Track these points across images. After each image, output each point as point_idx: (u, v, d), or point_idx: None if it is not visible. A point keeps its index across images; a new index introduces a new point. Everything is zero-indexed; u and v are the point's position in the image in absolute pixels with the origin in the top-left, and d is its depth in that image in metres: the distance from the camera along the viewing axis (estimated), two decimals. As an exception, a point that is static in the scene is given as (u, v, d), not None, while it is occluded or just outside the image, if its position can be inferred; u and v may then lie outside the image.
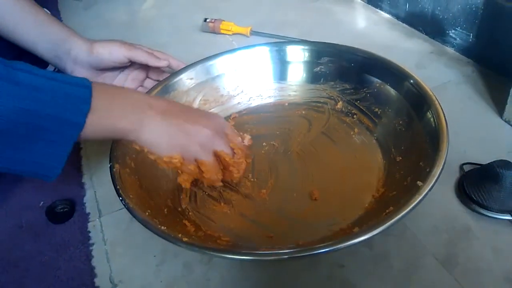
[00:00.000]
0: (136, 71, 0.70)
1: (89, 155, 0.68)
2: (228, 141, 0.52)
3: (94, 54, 0.62)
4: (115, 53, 0.63)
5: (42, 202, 0.60)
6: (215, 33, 0.99)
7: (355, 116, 0.66)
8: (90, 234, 0.56)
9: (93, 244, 0.55)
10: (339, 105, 0.68)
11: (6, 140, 0.38)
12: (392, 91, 0.62)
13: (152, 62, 0.66)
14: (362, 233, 0.40)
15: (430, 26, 0.88)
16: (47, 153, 0.41)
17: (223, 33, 0.98)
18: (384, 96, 0.63)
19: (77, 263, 0.52)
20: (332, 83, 0.69)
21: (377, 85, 0.64)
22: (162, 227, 0.44)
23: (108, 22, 1.10)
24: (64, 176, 0.63)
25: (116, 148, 0.54)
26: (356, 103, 0.67)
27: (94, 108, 0.42)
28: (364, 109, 0.66)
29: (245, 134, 0.58)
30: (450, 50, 0.84)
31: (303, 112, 0.70)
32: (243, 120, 0.70)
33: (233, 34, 0.98)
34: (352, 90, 0.68)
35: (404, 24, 0.95)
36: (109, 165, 0.51)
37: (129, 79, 0.70)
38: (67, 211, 0.58)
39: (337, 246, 0.40)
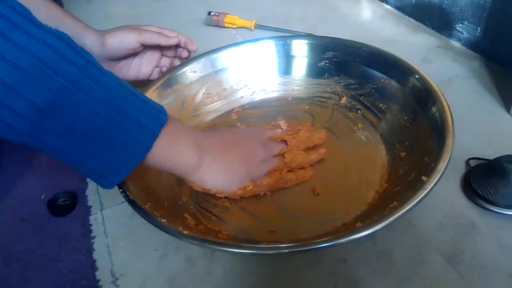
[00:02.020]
0: (150, 52, 0.70)
1: (91, 148, 0.68)
2: (274, 141, 0.57)
3: (107, 46, 0.62)
4: (126, 40, 0.63)
5: (43, 195, 0.60)
6: (219, 26, 0.98)
7: (359, 111, 0.65)
8: (92, 227, 0.56)
9: (94, 237, 0.55)
10: (343, 100, 0.67)
11: (84, 131, 0.37)
12: (397, 86, 0.61)
13: (164, 41, 0.66)
14: (364, 228, 0.40)
15: (436, 20, 0.87)
16: (117, 155, 0.40)
17: (227, 27, 0.97)
18: (389, 91, 0.62)
19: (79, 256, 0.52)
20: (337, 78, 0.69)
21: (382, 80, 0.63)
22: (163, 220, 0.44)
23: (111, 15, 1.09)
24: (65, 169, 0.64)
25: None
26: (361, 99, 0.66)
27: (166, 131, 0.42)
28: (368, 105, 0.65)
29: (278, 122, 0.60)
30: (457, 44, 0.83)
31: (307, 107, 0.69)
32: (246, 115, 0.69)
33: (238, 27, 0.97)
34: (356, 85, 0.67)
35: (410, 18, 0.94)
36: None
37: (144, 62, 0.69)
38: (68, 204, 0.58)
39: (338, 241, 0.39)
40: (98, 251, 0.53)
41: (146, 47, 0.68)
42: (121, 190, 0.47)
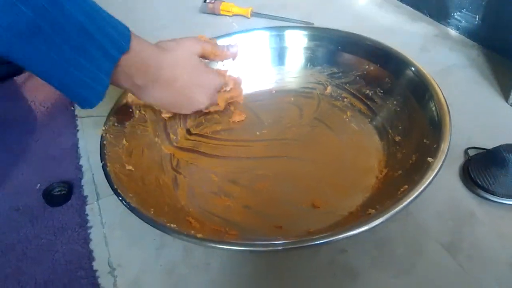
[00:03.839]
0: None
1: (86, 137, 0.67)
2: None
3: None
4: None
5: (38, 185, 0.59)
6: (215, 14, 0.96)
7: (345, 99, 0.65)
8: (88, 217, 0.55)
9: (91, 227, 0.54)
10: (328, 89, 0.67)
11: (53, 42, 0.40)
12: (382, 72, 0.61)
13: None
14: (379, 214, 0.40)
15: (434, 9, 0.86)
16: (88, 69, 0.44)
17: (223, 14, 0.96)
18: (374, 77, 0.62)
19: (75, 246, 0.52)
20: (319, 67, 0.68)
21: (366, 66, 0.63)
22: (172, 225, 0.42)
23: (105, 3, 1.07)
24: (61, 158, 0.63)
25: (107, 146, 0.52)
26: (346, 87, 0.65)
27: (125, 57, 0.47)
28: (354, 92, 0.64)
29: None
30: (455, 33, 0.82)
31: (292, 98, 0.68)
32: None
33: (233, 15, 0.95)
34: (340, 74, 0.66)
35: (408, 7, 0.93)
36: (101, 164, 0.50)
37: None
38: (64, 194, 0.57)
39: (358, 230, 0.39)
40: (95, 241, 0.52)
41: None
42: (120, 198, 0.45)
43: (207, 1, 0.96)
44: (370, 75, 0.62)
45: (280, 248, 0.40)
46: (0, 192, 0.59)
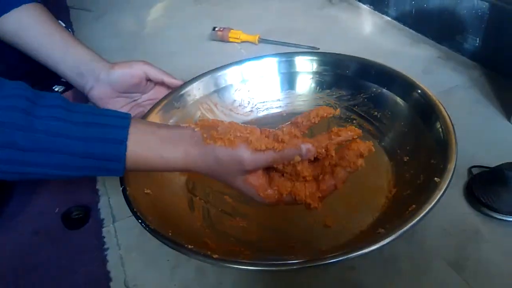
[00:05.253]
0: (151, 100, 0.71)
1: (102, 162, 0.69)
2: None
3: (115, 70, 0.64)
4: (134, 66, 0.65)
5: (57, 209, 0.61)
6: (223, 41, 1.00)
7: (354, 121, 0.67)
8: (105, 240, 0.57)
9: (107, 249, 0.56)
10: (337, 112, 0.68)
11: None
12: (389, 94, 0.63)
13: (168, 78, 0.67)
14: (389, 233, 0.41)
15: (436, 31, 0.89)
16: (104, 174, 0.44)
17: (231, 41, 0.99)
18: (382, 99, 0.64)
19: (93, 267, 0.54)
20: (328, 91, 0.70)
21: (374, 89, 0.65)
22: (189, 246, 0.43)
23: (118, 32, 1.12)
24: (78, 183, 0.66)
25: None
26: (354, 109, 0.68)
27: (134, 143, 0.42)
28: (363, 114, 0.67)
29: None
30: (457, 54, 0.85)
31: None
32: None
33: (242, 42, 0.99)
34: (349, 97, 0.68)
35: (411, 30, 0.95)
36: (121, 188, 0.51)
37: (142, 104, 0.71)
38: (82, 217, 0.59)
39: (370, 249, 0.40)
40: (112, 263, 0.54)
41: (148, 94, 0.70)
42: (140, 221, 0.46)
43: (216, 29, 1.00)
44: (378, 97, 0.65)
45: (294, 267, 0.41)
46: (21, 216, 0.61)
